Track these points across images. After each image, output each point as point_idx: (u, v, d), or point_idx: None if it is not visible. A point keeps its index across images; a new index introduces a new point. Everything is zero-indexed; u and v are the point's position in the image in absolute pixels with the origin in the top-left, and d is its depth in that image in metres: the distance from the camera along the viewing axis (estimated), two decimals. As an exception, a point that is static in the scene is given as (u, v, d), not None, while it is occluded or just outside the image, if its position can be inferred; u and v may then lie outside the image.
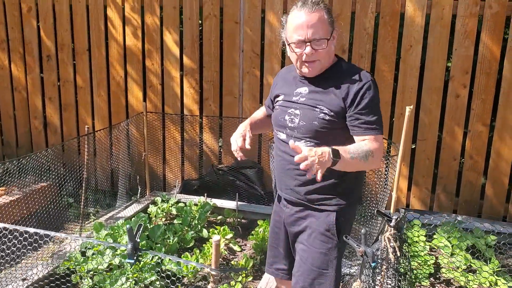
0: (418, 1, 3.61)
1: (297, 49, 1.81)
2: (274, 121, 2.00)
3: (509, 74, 3.57)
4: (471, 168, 3.80)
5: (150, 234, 3.27)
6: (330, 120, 1.82)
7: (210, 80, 4.22)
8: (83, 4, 4.40)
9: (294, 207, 2.00)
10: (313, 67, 1.83)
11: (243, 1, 3.98)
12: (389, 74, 3.78)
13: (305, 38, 1.77)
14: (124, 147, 4.29)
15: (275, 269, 2.15)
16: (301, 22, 1.78)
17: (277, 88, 2.06)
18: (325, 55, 1.82)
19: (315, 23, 1.77)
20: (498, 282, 2.63)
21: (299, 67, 1.87)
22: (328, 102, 1.83)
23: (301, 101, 1.89)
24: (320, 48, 1.79)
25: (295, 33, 1.80)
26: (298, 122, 1.87)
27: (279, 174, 2.03)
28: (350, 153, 1.71)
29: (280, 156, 2.00)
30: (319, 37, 1.77)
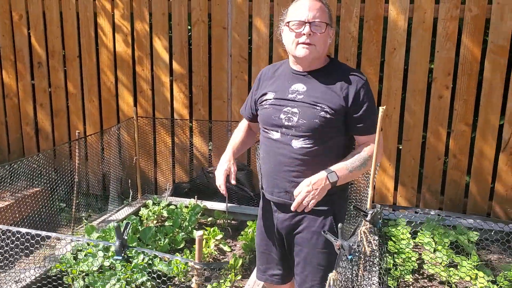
0: (401, 5, 3.71)
1: (297, 29, 1.86)
2: (266, 120, 1.98)
3: (490, 75, 3.67)
4: (455, 167, 3.89)
5: (141, 236, 3.33)
6: (330, 118, 1.86)
7: (199, 85, 4.29)
8: (73, 11, 4.47)
9: (287, 212, 1.97)
10: (310, 49, 1.85)
11: (231, 7, 4.07)
12: (374, 76, 3.87)
13: (306, 19, 1.84)
14: (116, 152, 4.35)
15: (269, 276, 2.15)
16: (304, 5, 1.87)
17: (262, 87, 2.04)
18: (321, 42, 1.86)
19: (317, 8, 1.86)
20: (478, 276, 2.71)
21: (294, 48, 1.89)
22: (329, 100, 1.87)
23: (299, 99, 1.90)
24: (319, 31, 1.84)
25: (297, 14, 1.87)
26: (297, 121, 1.88)
27: (271, 176, 1.99)
28: (348, 168, 1.84)
29: (273, 157, 1.97)
30: (319, 21, 1.84)
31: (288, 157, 1.92)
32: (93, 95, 4.60)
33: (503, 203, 3.82)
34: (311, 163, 1.89)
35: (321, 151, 1.90)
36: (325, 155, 1.90)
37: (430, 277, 3.02)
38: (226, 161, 2.03)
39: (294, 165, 1.90)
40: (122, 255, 1.57)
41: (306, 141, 1.89)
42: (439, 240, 3.11)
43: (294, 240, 2.01)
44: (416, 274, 3.04)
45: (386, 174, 4.01)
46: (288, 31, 1.90)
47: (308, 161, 1.89)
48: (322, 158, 1.89)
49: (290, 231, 2.01)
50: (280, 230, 2.04)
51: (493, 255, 3.32)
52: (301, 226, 1.98)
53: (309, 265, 1.96)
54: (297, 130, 1.89)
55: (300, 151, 1.90)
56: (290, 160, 1.92)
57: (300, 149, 1.90)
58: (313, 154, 1.89)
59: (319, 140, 1.89)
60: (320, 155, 1.89)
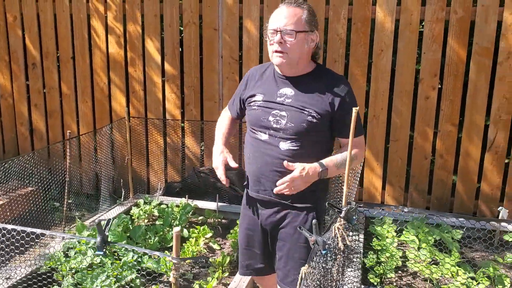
0: (388, 7, 3.77)
1: (271, 37, 1.94)
2: (254, 121, 2.05)
3: (475, 76, 3.74)
4: (442, 167, 3.95)
5: (131, 234, 3.39)
6: (316, 123, 1.94)
7: (191, 86, 4.35)
8: (67, 13, 4.53)
9: (271, 208, 2.07)
10: (282, 57, 1.93)
11: (221, 9, 4.13)
12: (361, 78, 3.94)
13: (277, 27, 1.91)
14: (107, 152, 4.41)
15: (253, 270, 2.23)
16: (279, 13, 1.94)
17: (250, 88, 2.11)
18: (295, 49, 1.92)
19: (290, 16, 1.92)
20: (459, 273, 2.77)
21: (271, 56, 1.98)
22: (316, 105, 1.95)
23: (288, 103, 1.97)
24: (289, 39, 1.90)
25: (271, 22, 1.95)
26: (286, 124, 1.96)
27: (257, 176, 2.06)
28: (337, 164, 1.94)
29: (260, 157, 2.04)
30: (290, 29, 1.90)
31: (275, 158, 2.00)
32: (87, 96, 4.66)
33: (489, 202, 3.88)
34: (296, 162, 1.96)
35: (307, 153, 1.98)
36: (310, 157, 1.98)
37: (414, 274, 3.08)
38: (219, 152, 2.10)
39: (280, 165, 1.97)
40: (104, 251, 1.63)
41: (293, 143, 1.97)
42: (423, 238, 3.17)
43: (278, 235, 2.09)
44: (400, 271, 3.10)
45: (374, 174, 4.08)
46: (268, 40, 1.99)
47: (294, 162, 1.96)
48: (307, 160, 1.97)
49: (275, 226, 2.09)
50: (265, 226, 2.12)
51: (476, 253, 3.39)
52: (284, 222, 2.06)
53: (291, 259, 2.04)
54: (285, 132, 1.97)
55: (287, 153, 1.98)
56: (277, 160, 1.99)
57: (287, 150, 1.98)
58: (299, 155, 1.97)
59: (305, 142, 1.97)
60: (305, 156, 1.98)
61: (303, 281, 1.53)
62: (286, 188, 1.90)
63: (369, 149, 4.05)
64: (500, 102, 3.72)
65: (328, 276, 1.80)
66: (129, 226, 3.53)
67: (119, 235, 3.28)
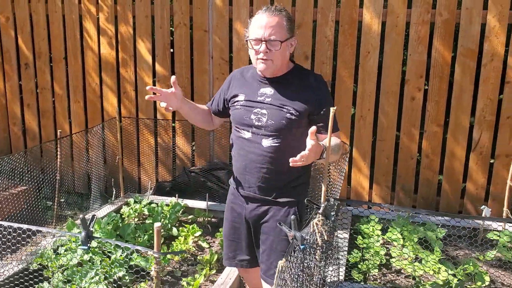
0: (374, 10, 3.84)
1: (255, 46, 2.02)
2: (238, 120, 2.15)
3: (460, 78, 3.81)
4: (428, 167, 4.02)
5: (121, 233, 3.44)
6: (295, 119, 2.04)
7: (182, 86, 4.41)
8: (59, 14, 4.58)
9: (255, 203, 2.16)
10: (267, 64, 2.02)
11: (211, 11, 4.19)
12: (349, 79, 4.00)
13: (262, 37, 1.99)
14: (99, 151, 4.46)
15: (238, 261, 2.30)
16: (261, 23, 2.00)
17: (233, 88, 2.21)
18: (278, 57, 2.02)
19: (273, 25, 1.99)
20: (441, 270, 2.84)
21: (256, 63, 2.07)
22: (294, 103, 2.04)
23: (268, 101, 2.08)
24: (274, 49, 2.00)
25: (255, 31, 2.01)
26: (266, 121, 2.05)
27: (242, 173, 2.16)
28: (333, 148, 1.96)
29: (244, 155, 2.13)
30: (274, 39, 1.99)
31: (258, 154, 2.09)
32: (79, 96, 4.71)
33: (474, 201, 3.95)
34: (279, 160, 2.07)
35: (288, 149, 2.05)
36: (291, 153, 2.04)
37: (398, 271, 3.14)
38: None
39: (263, 162, 2.08)
40: (88, 245, 1.69)
41: (274, 140, 2.06)
42: (408, 236, 3.23)
43: (261, 229, 2.17)
44: (384, 268, 3.16)
45: (361, 173, 4.14)
46: (249, 48, 2.07)
47: (276, 158, 2.07)
48: (288, 155, 2.03)
49: (258, 219, 2.18)
50: (248, 219, 2.21)
51: (460, 251, 3.45)
52: (267, 216, 2.15)
53: (274, 252, 2.12)
54: (266, 129, 2.06)
55: (269, 149, 2.07)
56: (260, 157, 2.09)
57: (269, 147, 2.07)
58: (280, 151, 2.06)
59: (286, 139, 2.06)
60: (287, 152, 2.04)
61: (280, 274, 1.59)
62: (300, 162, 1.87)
63: (356, 149, 4.11)
64: (485, 103, 3.80)
65: (306, 270, 1.86)
66: (119, 225, 3.58)
67: (109, 233, 3.33)
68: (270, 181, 2.10)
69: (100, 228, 3.39)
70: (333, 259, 2.04)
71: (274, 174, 2.09)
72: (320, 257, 1.86)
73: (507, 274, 3.11)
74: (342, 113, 4.05)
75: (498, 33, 3.65)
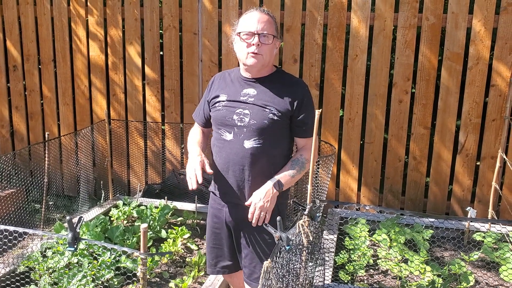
0: (362, 13, 3.88)
1: (247, 39, 2.03)
2: (219, 121, 2.12)
3: (446, 81, 3.86)
4: (415, 169, 4.07)
5: (109, 235, 3.44)
6: (277, 120, 2.05)
7: (171, 89, 4.42)
8: (48, 16, 4.57)
9: (235, 207, 2.16)
10: (257, 59, 2.03)
11: (201, 14, 4.20)
12: (337, 82, 4.04)
13: (255, 30, 2.01)
14: (88, 154, 4.45)
15: (220, 268, 2.30)
16: (254, 17, 2.04)
17: (214, 90, 2.19)
18: (268, 53, 2.05)
19: (265, 21, 2.04)
20: (427, 270, 2.87)
21: (245, 58, 2.05)
22: (277, 103, 2.06)
23: (251, 101, 2.07)
24: (266, 42, 2.03)
25: (248, 25, 2.03)
26: (249, 121, 2.05)
27: (223, 176, 2.13)
28: (290, 174, 2.04)
29: (225, 157, 2.11)
30: (267, 33, 2.02)
31: (240, 156, 2.08)
32: (68, 98, 4.70)
33: (460, 203, 4.00)
34: (260, 161, 2.08)
35: (269, 151, 2.08)
36: (273, 154, 2.08)
37: (385, 272, 3.17)
38: (197, 155, 2.12)
39: (246, 164, 2.08)
40: (75, 247, 1.69)
41: (256, 141, 2.06)
42: (395, 238, 3.27)
43: (241, 233, 2.17)
44: (371, 269, 3.19)
45: (350, 175, 4.18)
46: (239, 41, 2.07)
47: (258, 159, 2.07)
48: (269, 157, 2.08)
49: (238, 223, 2.18)
50: (228, 223, 2.21)
51: (446, 252, 3.49)
52: (248, 219, 2.12)
53: (257, 256, 2.12)
54: (248, 130, 2.06)
55: (251, 150, 2.07)
56: (242, 159, 2.08)
57: (251, 148, 2.07)
58: (262, 152, 2.07)
59: (268, 140, 2.07)
60: (268, 154, 2.08)
61: (265, 274, 1.61)
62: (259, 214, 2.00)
63: (345, 151, 4.15)
64: (471, 105, 3.85)
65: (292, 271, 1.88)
66: (107, 227, 3.57)
67: (97, 235, 3.33)
68: (251, 183, 2.09)
69: (88, 230, 3.39)
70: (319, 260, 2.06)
71: (255, 176, 2.08)
72: (306, 257, 1.88)
73: (491, 274, 3.16)
74: (331, 115, 4.09)
75: (483, 37, 3.71)
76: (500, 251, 3.13)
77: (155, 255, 1.81)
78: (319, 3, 3.93)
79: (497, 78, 3.77)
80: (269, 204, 2.00)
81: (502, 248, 3.16)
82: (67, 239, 1.68)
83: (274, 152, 2.06)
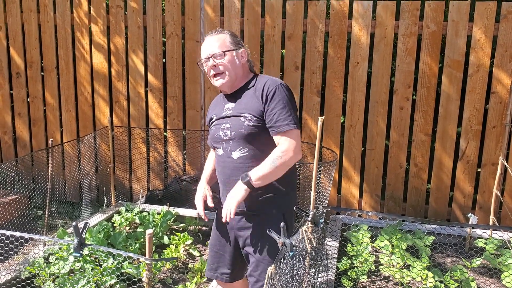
0: (363, 21, 3.92)
1: (206, 66, 2.15)
2: (212, 139, 2.23)
3: (447, 88, 3.89)
4: (416, 175, 4.08)
5: (112, 241, 3.45)
6: (255, 124, 2.07)
7: (174, 96, 4.45)
8: (51, 24, 4.61)
9: (238, 215, 2.16)
10: (222, 78, 2.13)
11: (203, 22, 4.24)
12: (338, 89, 4.07)
13: (208, 54, 2.13)
14: (91, 160, 4.48)
15: (219, 273, 2.32)
16: (205, 44, 2.18)
17: (209, 113, 2.32)
18: (230, 67, 2.13)
19: (214, 42, 2.15)
20: (428, 277, 2.88)
21: (213, 83, 2.17)
22: (250, 107, 2.09)
23: (229, 114, 2.15)
24: (220, 61, 2.12)
25: (202, 53, 2.17)
26: (231, 133, 2.11)
27: (223, 188, 2.22)
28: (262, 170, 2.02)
29: (221, 171, 2.20)
30: (218, 52, 2.12)
31: (231, 168, 2.15)
32: (70, 105, 4.72)
33: (461, 210, 4.02)
34: (250, 168, 2.08)
35: (257, 156, 2.10)
36: (261, 158, 2.09)
37: (386, 278, 3.18)
38: (201, 189, 2.31)
39: (239, 173, 2.11)
40: (80, 252, 1.71)
41: (241, 150, 2.11)
42: (396, 244, 3.28)
43: (246, 242, 2.18)
44: (373, 275, 3.20)
45: (352, 182, 4.19)
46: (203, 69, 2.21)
47: (249, 167, 2.10)
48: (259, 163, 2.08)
49: (243, 232, 2.18)
50: (234, 233, 2.22)
51: (447, 258, 3.50)
52: (252, 227, 2.16)
53: (262, 263, 2.13)
54: (233, 142, 2.13)
55: (240, 160, 2.12)
56: (234, 170, 2.14)
57: (240, 158, 2.12)
58: (251, 159, 2.11)
59: (253, 147, 2.11)
60: (257, 160, 2.10)
61: (269, 280, 1.63)
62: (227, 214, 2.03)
63: (346, 158, 4.17)
64: (471, 112, 3.88)
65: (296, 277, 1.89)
66: (110, 233, 3.59)
67: (100, 241, 3.34)
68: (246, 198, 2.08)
69: (91, 236, 3.40)
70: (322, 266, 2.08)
71: None
72: (309, 263, 1.89)
73: (493, 281, 3.17)
74: (332, 122, 4.11)
75: (483, 45, 3.74)
76: (502, 258, 3.14)
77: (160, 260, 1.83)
78: (321, 11, 3.97)
79: (497, 85, 3.79)
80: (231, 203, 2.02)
81: (504, 254, 3.17)
82: (72, 245, 1.69)
83: (262, 157, 2.07)
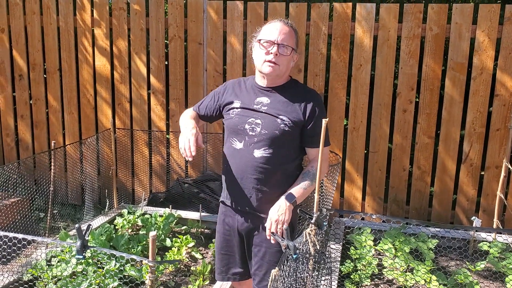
0: (366, 24, 3.91)
1: (267, 47, 2.05)
2: (231, 129, 2.14)
3: (450, 91, 3.88)
4: (420, 178, 4.07)
5: (114, 243, 3.44)
6: (289, 130, 2.06)
7: (176, 98, 4.44)
8: (54, 26, 4.61)
9: (247, 215, 2.16)
10: (274, 68, 2.05)
11: (206, 24, 4.24)
12: (341, 91, 4.06)
13: (276, 40, 2.05)
14: (93, 163, 4.47)
15: (231, 275, 2.30)
16: (276, 27, 2.08)
17: (228, 95, 2.20)
18: (285, 64, 2.07)
19: (287, 32, 2.07)
20: (432, 280, 2.86)
21: (261, 65, 2.08)
22: (289, 112, 2.07)
23: (263, 110, 2.09)
24: (285, 53, 2.06)
25: (268, 33, 2.07)
26: (260, 131, 2.06)
27: (235, 185, 2.14)
28: (303, 187, 2.06)
29: (236, 166, 2.12)
30: (286, 44, 2.06)
31: (250, 165, 2.09)
32: (73, 107, 4.72)
33: (465, 213, 4.00)
34: (271, 170, 2.08)
35: (280, 159, 2.08)
36: (283, 163, 2.09)
37: (390, 281, 3.17)
38: (192, 127, 2.08)
39: (256, 173, 2.08)
40: (83, 254, 1.70)
41: (266, 150, 2.07)
42: (400, 247, 3.26)
43: (253, 241, 2.18)
44: (376, 279, 3.19)
45: (355, 185, 4.18)
46: (258, 48, 2.10)
47: (268, 169, 2.08)
48: (280, 166, 2.08)
49: (250, 231, 2.18)
50: (241, 231, 2.21)
51: (451, 261, 3.49)
52: (260, 227, 2.15)
53: (267, 263, 2.13)
54: (259, 139, 2.07)
55: (261, 160, 2.08)
56: (252, 168, 2.09)
57: (261, 157, 2.07)
58: (272, 162, 2.08)
59: (278, 150, 2.08)
60: (278, 163, 2.08)
61: (273, 282, 1.62)
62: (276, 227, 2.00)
63: (349, 161, 4.15)
64: (475, 115, 3.86)
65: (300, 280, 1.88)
66: (112, 236, 3.58)
67: (102, 243, 3.33)
68: (261, 193, 2.09)
69: (93, 239, 3.39)
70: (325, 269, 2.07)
71: (265, 185, 2.09)
72: (313, 266, 1.88)
73: (497, 284, 3.15)
74: (335, 125, 4.10)
75: (487, 47, 3.73)
76: (506, 261, 3.12)
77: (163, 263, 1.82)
78: (324, 13, 3.97)
79: (501, 88, 3.78)
80: (285, 217, 2.00)
81: (508, 257, 3.15)
82: (75, 247, 1.68)
83: (284, 161, 2.07)
